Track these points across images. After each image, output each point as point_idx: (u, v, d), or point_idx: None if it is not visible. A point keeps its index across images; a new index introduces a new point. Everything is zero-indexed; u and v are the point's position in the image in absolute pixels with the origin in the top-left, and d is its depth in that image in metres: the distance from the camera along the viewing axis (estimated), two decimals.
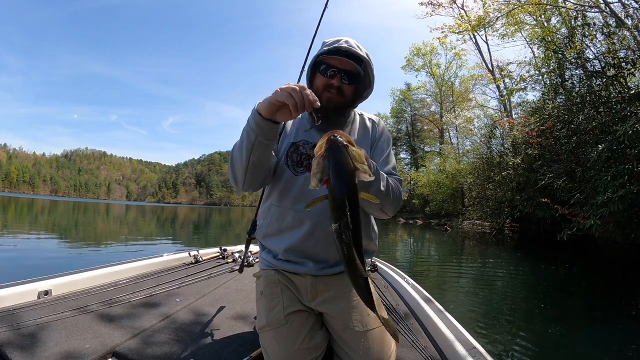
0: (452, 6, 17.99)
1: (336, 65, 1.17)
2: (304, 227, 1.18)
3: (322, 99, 1.17)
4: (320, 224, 1.18)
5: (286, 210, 1.21)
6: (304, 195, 1.18)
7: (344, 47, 1.16)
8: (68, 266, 4.90)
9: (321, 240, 1.18)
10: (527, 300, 4.80)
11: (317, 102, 0.91)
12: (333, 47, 1.17)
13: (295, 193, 1.20)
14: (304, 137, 1.25)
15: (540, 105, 11.34)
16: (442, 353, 1.41)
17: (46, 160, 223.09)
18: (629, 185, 5.85)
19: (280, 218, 1.23)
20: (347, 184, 0.74)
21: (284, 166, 1.22)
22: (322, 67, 1.19)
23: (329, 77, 1.18)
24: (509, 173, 12.59)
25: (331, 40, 1.21)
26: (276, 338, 1.09)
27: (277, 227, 1.24)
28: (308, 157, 1.22)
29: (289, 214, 1.20)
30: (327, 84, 1.18)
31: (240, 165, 1.07)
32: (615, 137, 6.20)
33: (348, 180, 0.75)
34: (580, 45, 9.31)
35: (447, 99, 30.62)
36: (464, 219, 18.90)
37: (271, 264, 1.28)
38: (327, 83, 1.18)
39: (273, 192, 1.26)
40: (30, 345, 1.28)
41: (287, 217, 1.21)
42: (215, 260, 2.98)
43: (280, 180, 1.22)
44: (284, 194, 1.21)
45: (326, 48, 1.18)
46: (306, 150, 1.23)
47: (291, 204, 1.20)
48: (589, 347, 3.24)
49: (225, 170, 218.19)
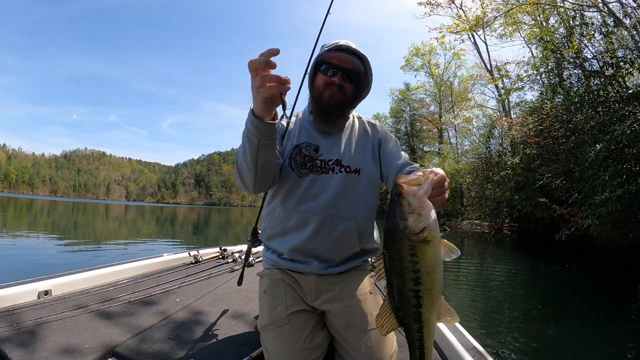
0: (451, 6, 17.98)
1: (337, 64, 1.20)
2: (308, 228, 1.20)
3: (324, 97, 1.21)
4: (324, 224, 1.19)
5: (291, 211, 1.22)
6: (308, 196, 1.20)
7: (345, 45, 1.20)
8: (68, 266, 4.90)
9: (325, 240, 1.19)
10: (526, 300, 4.81)
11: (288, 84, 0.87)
12: (333, 45, 1.21)
13: (299, 194, 1.21)
14: (306, 140, 1.27)
15: (539, 105, 11.35)
16: (442, 353, 1.41)
17: (45, 160, 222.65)
18: (627, 184, 5.85)
19: (285, 219, 1.24)
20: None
21: (288, 168, 1.23)
22: (323, 66, 1.22)
23: (330, 76, 1.21)
24: (507, 173, 12.60)
25: (330, 42, 1.25)
26: (278, 337, 1.10)
27: (281, 228, 1.25)
28: (311, 159, 1.24)
29: (293, 215, 1.21)
30: (328, 81, 1.21)
31: (248, 171, 1.07)
32: (613, 137, 6.19)
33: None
34: (578, 45, 9.33)
35: (446, 99, 30.59)
36: (463, 219, 18.90)
37: (275, 263, 1.29)
38: (328, 81, 1.21)
39: (278, 194, 1.27)
40: (31, 345, 1.28)
41: (292, 218, 1.22)
42: (215, 260, 2.98)
43: (285, 182, 1.23)
44: (288, 196, 1.22)
45: (327, 48, 1.21)
46: (309, 152, 1.24)
47: (295, 205, 1.21)
48: (587, 347, 3.26)
49: (224, 171, 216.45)
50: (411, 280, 0.68)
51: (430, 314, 0.70)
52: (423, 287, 0.68)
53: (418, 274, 0.67)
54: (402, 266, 0.68)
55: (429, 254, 0.67)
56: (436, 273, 0.68)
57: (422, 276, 0.67)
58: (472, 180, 16.76)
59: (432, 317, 0.71)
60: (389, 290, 0.72)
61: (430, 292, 0.68)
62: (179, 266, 2.68)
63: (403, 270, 0.68)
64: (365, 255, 1.35)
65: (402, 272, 0.68)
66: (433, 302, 0.70)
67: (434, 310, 0.70)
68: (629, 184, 5.84)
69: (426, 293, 0.68)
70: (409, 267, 0.67)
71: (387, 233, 0.71)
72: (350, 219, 1.22)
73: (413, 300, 0.69)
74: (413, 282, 0.68)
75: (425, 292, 0.68)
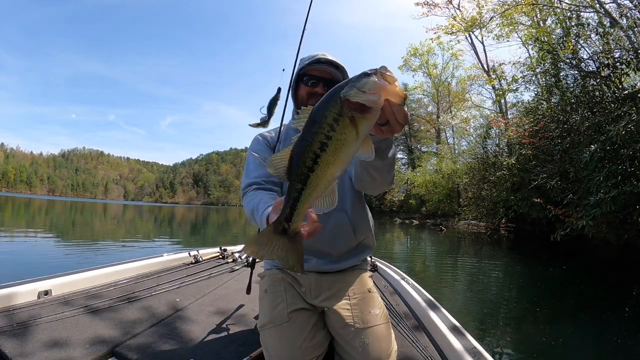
0: (449, 6, 18.01)
1: (318, 75, 1.30)
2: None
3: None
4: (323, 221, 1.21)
5: None
6: None
7: (323, 58, 1.30)
8: (67, 266, 4.90)
9: (324, 235, 1.21)
10: (522, 301, 4.84)
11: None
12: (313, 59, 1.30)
13: None
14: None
15: (534, 105, 11.37)
16: (442, 353, 1.42)
17: (43, 159, 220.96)
18: (622, 185, 5.87)
19: None
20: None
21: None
22: (304, 78, 1.32)
23: (311, 86, 1.31)
24: (503, 173, 12.64)
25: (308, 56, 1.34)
26: (278, 335, 1.11)
27: None
28: None
29: None
30: (311, 92, 1.31)
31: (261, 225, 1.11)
32: (608, 138, 6.20)
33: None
34: (573, 46, 9.36)
35: (443, 99, 30.67)
36: (460, 219, 18.95)
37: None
38: (311, 91, 1.31)
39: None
40: (31, 344, 1.28)
41: None
42: (215, 260, 2.99)
43: (284, 184, 1.27)
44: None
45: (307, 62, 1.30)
46: None
47: None
48: (583, 347, 3.28)
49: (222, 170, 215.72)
50: (318, 142, 0.65)
51: (316, 184, 0.69)
52: (324, 155, 0.66)
53: (328, 140, 0.64)
54: (320, 124, 0.65)
55: (348, 132, 0.64)
56: (341, 153, 0.65)
57: (330, 145, 0.65)
58: (469, 180, 16.79)
59: (316, 187, 0.69)
60: (296, 142, 0.69)
61: (326, 164, 0.66)
62: (179, 266, 2.68)
63: (319, 127, 0.65)
64: (364, 251, 1.38)
65: (317, 129, 0.65)
66: (324, 175, 0.68)
67: (321, 183, 0.69)
68: (624, 185, 5.86)
69: (323, 162, 0.66)
70: (325, 129, 0.64)
71: (328, 92, 0.67)
72: (341, 210, 1.27)
73: (309, 162, 0.67)
74: (319, 145, 0.65)
75: (323, 161, 0.66)
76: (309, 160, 0.67)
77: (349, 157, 0.67)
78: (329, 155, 0.65)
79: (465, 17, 15.53)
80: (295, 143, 0.69)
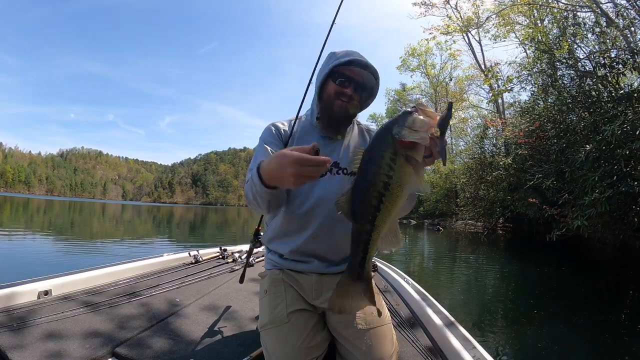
0: (446, 7, 18.01)
1: (350, 76, 1.22)
2: (309, 230, 1.23)
3: (334, 106, 1.24)
4: (324, 226, 1.22)
5: (292, 214, 1.24)
6: (308, 199, 1.22)
7: (358, 60, 1.21)
8: (67, 266, 4.90)
9: (325, 241, 1.23)
10: (518, 300, 4.87)
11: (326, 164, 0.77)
12: (348, 59, 1.21)
13: (301, 198, 1.23)
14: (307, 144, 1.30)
15: (530, 105, 11.36)
16: (442, 353, 1.42)
17: (42, 159, 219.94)
18: (617, 185, 5.87)
19: (286, 222, 1.27)
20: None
21: None
22: (335, 75, 1.23)
23: (343, 87, 1.22)
24: (500, 173, 12.67)
25: (342, 52, 1.25)
26: (277, 336, 1.11)
27: (283, 231, 1.28)
28: None
29: (294, 218, 1.24)
30: (340, 92, 1.22)
31: (260, 208, 1.11)
32: (603, 137, 6.19)
33: None
34: (569, 45, 9.37)
35: (442, 99, 30.66)
36: (457, 219, 18.98)
37: (277, 264, 1.31)
38: (339, 91, 1.22)
39: None
40: (30, 345, 1.28)
41: (293, 221, 1.25)
42: (215, 260, 2.97)
43: None
44: (290, 200, 1.25)
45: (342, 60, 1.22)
46: None
47: (297, 208, 1.23)
48: (579, 346, 3.30)
49: (221, 170, 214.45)
50: (381, 182, 0.68)
51: (384, 223, 0.71)
52: (388, 194, 0.69)
53: (390, 180, 0.68)
54: (379, 165, 0.68)
55: (406, 169, 0.68)
56: (404, 190, 0.69)
57: (392, 184, 0.68)
58: (467, 180, 16.81)
59: (384, 226, 0.72)
60: (355, 184, 0.71)
61: (392, 202, 0.69)
62: (179, 266, 2.67)
63: (379, 168, 0.68)
64: None
65: (377, 170, 0.68)
66: (390, 213, 0.71)
67: (387, 221, 0.71)
68: (620, 185, 5.86)
69: (388, 201, 0.69)
70: (385, 169, 0.67)
71: (378, 132, 0.71)
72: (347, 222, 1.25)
73: (374, 201, 0.69)
74: (382, 185, 0.68)
75: (388, 200, 0.69)
76: (374, 200, 0.70)
77: (409, 192, 0.71)
78: (392, 193, 0.69)
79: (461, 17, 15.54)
80: (353, 184, 0.72)
